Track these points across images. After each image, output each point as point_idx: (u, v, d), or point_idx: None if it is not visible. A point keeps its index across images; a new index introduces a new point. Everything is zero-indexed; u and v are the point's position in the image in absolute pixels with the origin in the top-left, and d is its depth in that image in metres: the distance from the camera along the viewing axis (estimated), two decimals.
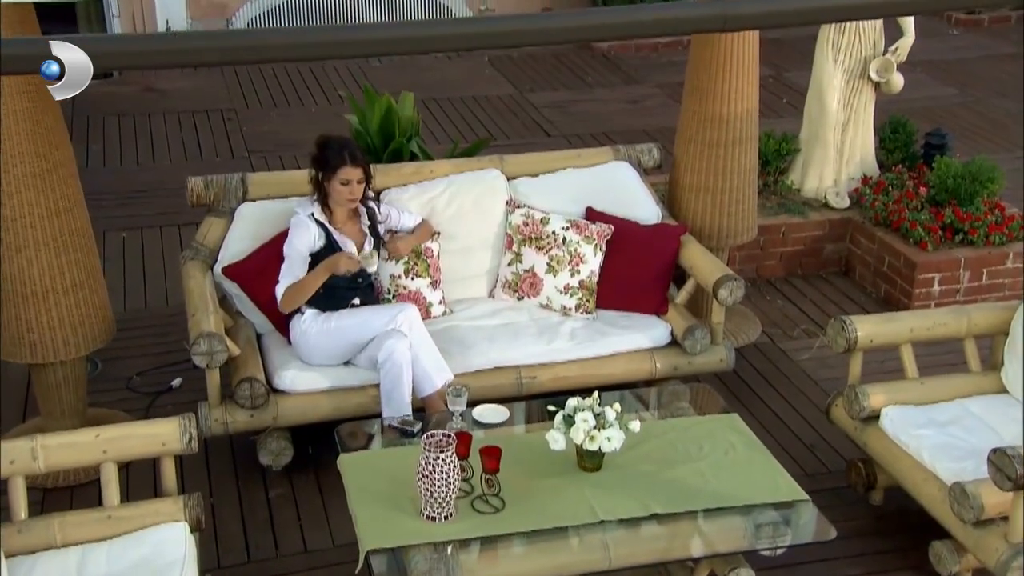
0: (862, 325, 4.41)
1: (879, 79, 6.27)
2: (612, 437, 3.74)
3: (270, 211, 4.79)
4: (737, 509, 3.75)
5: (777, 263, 6.29)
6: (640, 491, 3.76)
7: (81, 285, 4.34)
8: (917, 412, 4.32)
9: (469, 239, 5.02)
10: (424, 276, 4.84)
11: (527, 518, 3.64)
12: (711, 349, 4.86)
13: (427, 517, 3.59)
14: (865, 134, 6.48)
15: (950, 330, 4.54)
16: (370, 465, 3.93)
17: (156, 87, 9.02)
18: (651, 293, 4.98)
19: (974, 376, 4.56)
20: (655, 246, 5.02)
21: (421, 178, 5.05)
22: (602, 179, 5.21)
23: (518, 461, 3.84)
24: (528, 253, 4.97)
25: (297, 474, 4.60)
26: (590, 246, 4.93)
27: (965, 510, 3.78)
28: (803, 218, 6.25)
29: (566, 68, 9.68)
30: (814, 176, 6.49)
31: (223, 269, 4.69)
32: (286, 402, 4.47)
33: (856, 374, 4.47)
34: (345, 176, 4.45)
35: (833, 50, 6.27)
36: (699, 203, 5.31)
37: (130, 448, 3.71)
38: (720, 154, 5.22)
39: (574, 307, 4.94)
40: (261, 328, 4.79)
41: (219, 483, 4.58)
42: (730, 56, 5.07)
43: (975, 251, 5.91)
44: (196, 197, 4.88)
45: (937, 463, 4.05)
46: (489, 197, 5.05)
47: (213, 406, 4.42)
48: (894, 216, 6.02)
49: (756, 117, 5.25)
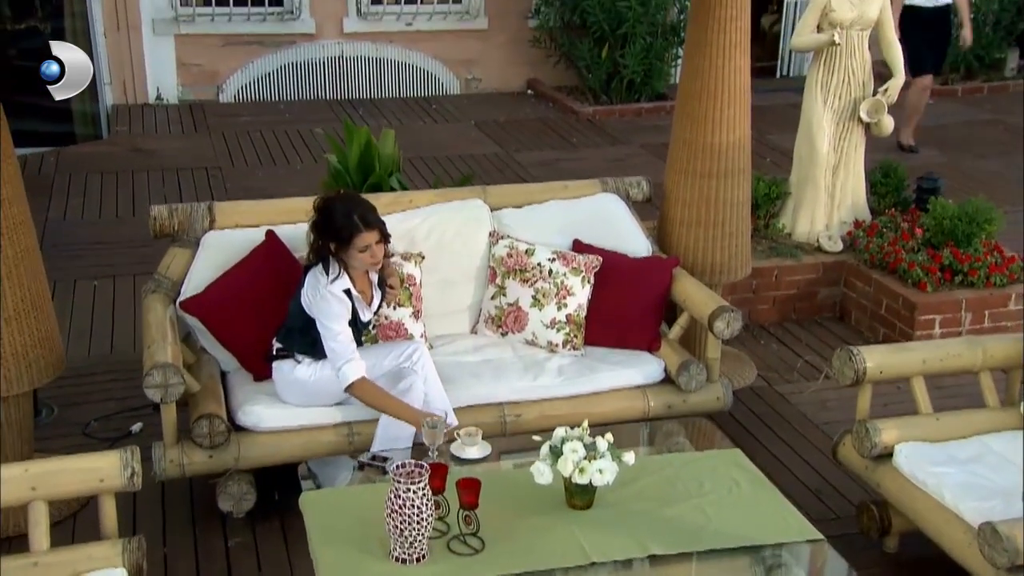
0: (871, 355, 3.88)
1: (869, 120, 5.85)
2: (604, 469, 3.19)
3: (238, 240, 4.27)
4: (744, 550, 3.18)
5: (770, 307, 5.78)
6: (636, 530, 3.19)
7: (26, 313, 3.79)
8: (934, 449, 3.77)
9: (450, 271, 4.50)
10: (407, 306, 4.30)
11: (509, 560, 3.06)
12: (707, 387, 4.32)
13: (396, 559, 3.01)
14: (856, 177, 6.04)
15: (964, 362, 4.02)
16: (335, 504, 3.35)
17: (143, 147, 8.57)
18: (642, 328, 4.45)
19: (992, 412, 4.03)
20: (646, 279, 4.51)
21: (400, 208, 4.55)
22: (590, 211, 4.71)
23: (500, 498, 3.27)
24: (512, 286, 4.45)
25: (260, 521, 4.01)
26: (578, 278, 4.41)
27: (998, 553, 3.20)
28: (796, 261, 5.77)
29: (551, 131, 9.30)
30: (805, 219, 6.02)
31: (181, 304, 4.15)
32: (249, 441, 3.90)
33: (865, 409, 3.94)
34: (362, 243, 3.81)
35: (822, 91, 5.86)
36: (691, 237, 4.81)
37: (63, 485, 3.14)
38: (712, 185, 4.74)
39: (561, 343, 4.41)
40: (226, 366, 4.22)
41: (174, 530, 3.99)
42: (721, 83, 4.63)
43: (976, 293, 5.42)
44: (159, 226, 4.36)
45: (960, 503, 3.50)
46: (471, 228, 4.55)
47: (168, 446, 3.84)
48: (890, 258, 5.54)
49: (749, 147, 4.80)
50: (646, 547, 3.11)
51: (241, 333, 4.12)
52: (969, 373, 4.06)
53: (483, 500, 3.09)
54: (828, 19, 5.70)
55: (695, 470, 3.54)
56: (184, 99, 9.77)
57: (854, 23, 5.70)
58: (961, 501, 3.49)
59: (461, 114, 9.71)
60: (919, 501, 3.63)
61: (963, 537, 3.41)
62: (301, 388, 3.94)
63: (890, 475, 3.76)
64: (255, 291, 4.16)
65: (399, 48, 10.05)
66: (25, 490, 3.05)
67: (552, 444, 3.27)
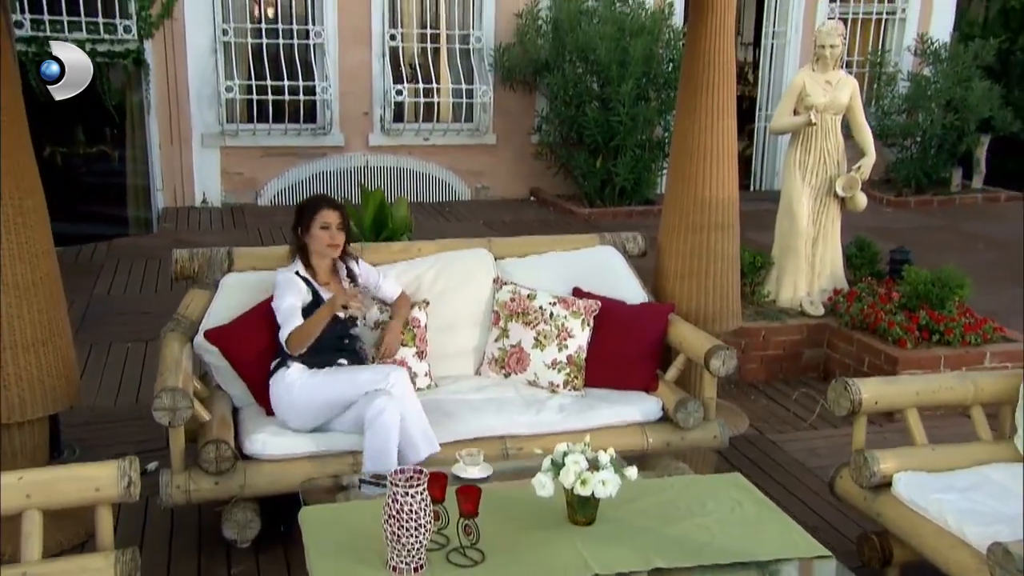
0: (866, 387, 3.43)
1: (845, 194, 5.51)
2: (607, 481, 2.72)
3: (255, 281, 3.89)
4: (752, 565, 2.68)
5: (759, 367, 5.33)
6: (639, 545, 2.71)
7: (43, 341, 3.38)
8: (932, 479, 3.29)
9: (456, 316, 4.09)
10: (410, 345, 3.89)
11: (510, 571, 2.57)
12: (704, 425, 3.86)
13: (393, 569, 2.52)
14: (834, 249, 5.67)
15: (956, 395, 3.56)
16: (334, 519, 2.87)
17: (186, 239, 8.27)
18: (640, 370, 4.01)
19: (986, 444, 3.55)
20: (643, 323, 4.09)
21: (409, 256, 4.18)
22: (589, 261, 4.33)
23: (501, 515, 2.80)
24: (515, 328, 4.03)
25: (264, 551, 3.51)
26: (577, 321, 4.00)
27: (1010, 574, 2.70)
28: (781, 323, 5.35)
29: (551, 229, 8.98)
30: (788, 287, 5.63)
31: (205, 333, 3.74)
32: (255, 469, 3.43)
33: (860, 440, 3.47)
34: (324, 220, 3.64)
35: (800, 169, 5.54)
36: (683, 288, 4.41)
37: (59, 494, 2.68)
38: (703, 238, 4.38)
39: (562, 383, 3.96)
40: (239, 401, 3.78)
41: (179, 558, 3.49)
42: (711, 143, 4.31)
43: (953, 350, 4.98)
44: (181, 269, 3.99)
45: (965, 527, 3.00)
46: (476, 274, 4.16)
47: (176, 472, 3.37)
48: (870, 319, 5.12)
49: (736, 204, 4.45)
50: (650, 561, 2.62)
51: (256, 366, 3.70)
52: (961, 406, 3.61)
53: (484, 517, 2.63)
54: (803, 103, 5.44)
55: (697, 491, 3.06)
56: (227, 203, 9.54)
57: (827, 107, 5.43)
58: (965, 526, 3.00)
59: (471, 216, 9.43)
60: (922, 528, 3.13)
61: (970, 562, 2.91)
62: (289, 398, 3.51)
63: (890, 504, 3.27)
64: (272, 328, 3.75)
65: (417, 160, 9.87)
66: (20, 498, 2.61)
67: (554, 458, 2.81)
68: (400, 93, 9.47)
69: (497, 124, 9.92)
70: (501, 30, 9.59)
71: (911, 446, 3.47)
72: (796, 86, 5.46)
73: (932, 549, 3.07)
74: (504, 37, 9.57)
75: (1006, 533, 2.88)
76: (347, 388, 3.47)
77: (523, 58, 9.42)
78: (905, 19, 11.14)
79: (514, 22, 9.53)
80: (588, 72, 9.13)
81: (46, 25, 8.71)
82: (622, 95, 8.76)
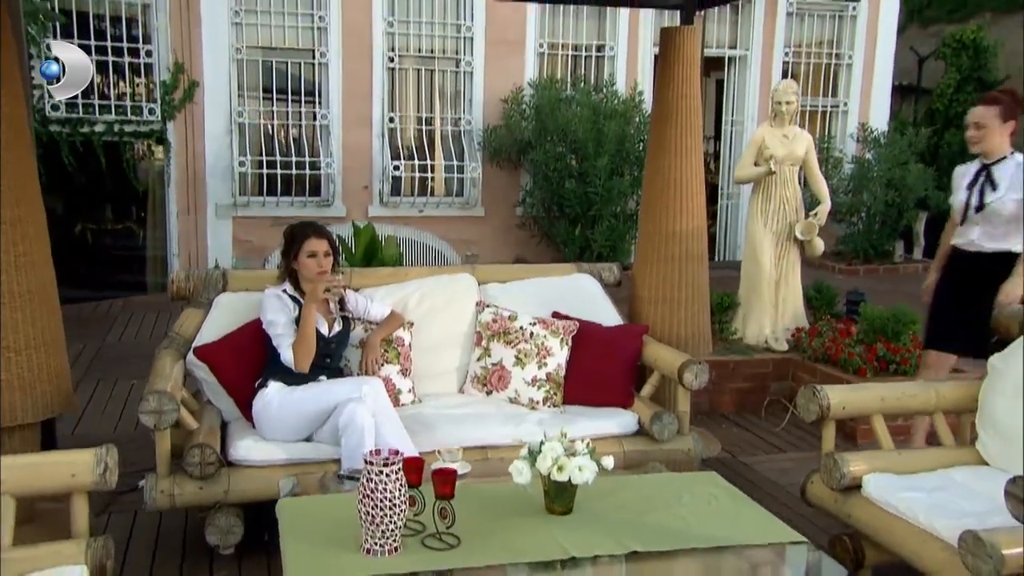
0: (833, 393, 3.19)
1: (803, 238, 5.36)
2: (584, 466, 2.46)
3: (247, 302, 3.66)
4: (729, 549, 2.40)
5: (729, 398, 5.07)
6: (616, 532, 2.43)
7: (37, 347, 3.12)
8: (900, 479, 3.03)
9: (440, 337, 3.86)
10: (394, 363, 3.64)
11: (486, 554, 2.28)
12: (679, 438, 3.60)
13: (367, 551, 2.23)
14: (795, 291, 5.48)
15: (919, 401, 3.33)
16: (312, 509, 2.59)
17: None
18: (617, 388, 3.76)
19: (949, 449, 3.30)
20: (619, 343, 3.86)
21: (397, 280, 3.96)
22: (567, 287, 4.12)
23: (479, 505, 2.54)
24: (496, 347, 3.80)
25: (247, 559, 3.19)
26: (556, 339, 3.77)
27: (982, 561, 2.43)
28: (749, 357, 5.11)
29: None
30: (754, 325, 5.41)
31: (195, 350, 3.49)
32: (239, 475, 3.15)
33: (830, 444, 3.21)
34: (311, 248, 3.42)
35: (762, 216, 5.40)
36: (657, 313, 4.19)
37: (33, 479, 2.40)
38: (675, 267, 4.18)
39: (542, 400, 3.71)
40: (228, 416, 3.51)
41: (162, 563, 3.16)
42: (680, 178, 4.16)
43: (910, 379, 4.71)
44: (177, 289, 3.77)
45: (935, 522, 2.74)
46: (460, 297, 3.94)
47: (161, 476, 3.08)
48: (831, 351, 4.91)
49: (705, 236, 4.26)
50: (626, 545, 2.35)
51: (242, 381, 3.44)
52: (924, 413, 3.36)
53: (461, 508, 2.36)
54: (763, 155, 5.33)
55: (674, 487, 2.80)
56: (237, 267, 9.31)
57: (785, 159, 5.32)
58: (935, 521, 2.74)
59: None
60: (893, 525, 2.86)
61: (942, 555, 2.64)
62: (268, 415, 3.25)
63: (861, 505, 3.00)
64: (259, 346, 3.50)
65: (413, 229, 9.71)
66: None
67: (531, 447, 2.55)
68: (398, 169, 9.39)
69: (485, 197, 9.82)
70: (489, 114, 9.58)
71: (879, 451, 3.22)
72: (757, 139, 5.37)
73: (904, 545, 2.79)
74: (492, 120, 9.55)
75: (975, 524, 2.60)
76: (322, 400, 3.22)
77: (509, 139, 9.39)
78: (847, 111, 11.25)
79: (501, 107, 9.53)
80: (567, 150, 9.10)
81: (80, 108, 8.66)
82: (598, 169, 8.70)
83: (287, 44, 9.09)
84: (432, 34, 9.42)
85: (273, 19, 8.96)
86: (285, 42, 9.07)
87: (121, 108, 8.78)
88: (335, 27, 9.08)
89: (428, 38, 9.43)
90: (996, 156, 3.85)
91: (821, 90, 10.80)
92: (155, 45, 8.77)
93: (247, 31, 8.92)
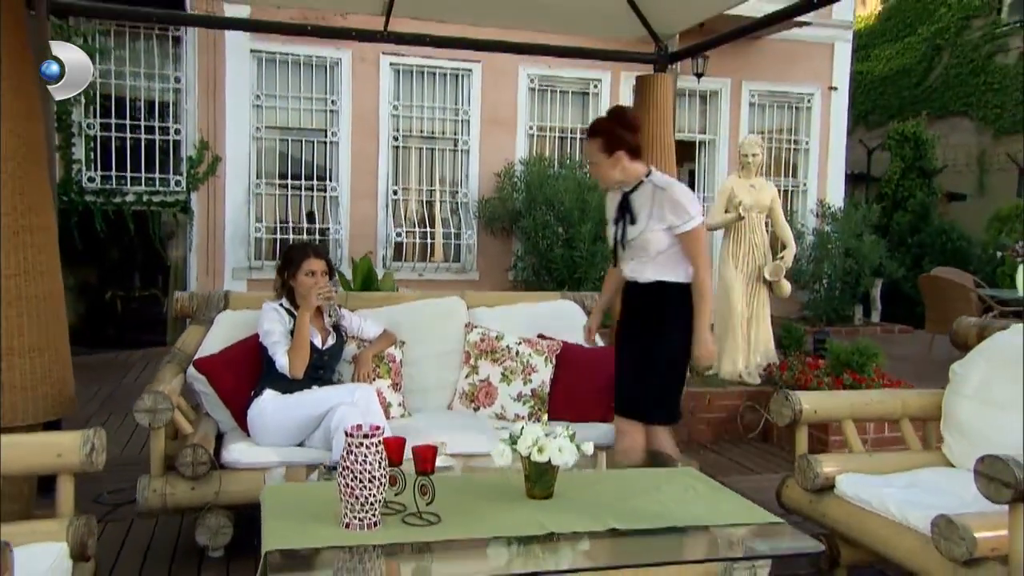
0: (805, 399, 3.02)
1: (772, 279, 5.24)
2: (564, 448, 2.27)
3: (247, 319, 3.49)
4: (708, 529, 2.19)
5: (706, 428, 4.86)
6: (596, 513, 2.22)
7: (40, 350, 2.94)
8: (872, 478, 2.84)
9: (430, 355, 3.68)
10: (385, 378, 3.46)
11: (465, 531, 2.07)
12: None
13: (346, 526, 2.03)
14: (766, 328, 5.34)
15: (886, 407, 3.16)
16: (295, 494, 2.38)
17: None
18: (598, 404, 3.56)
19: (916, 452, 3.12)
20: (601, 363, 3.66)
21: (391, 303, 3.82)
22: (552, 312, 3.96)
23: (460, 490, 2.33)
24: (484, 365, 3.62)
25: (236, 563, 2.94)
26: (541, 358, 3.61)
27: (955, 544, 2.23)
28: (724, 389, 4.92)
29: None
30: (728, 362, 5.24)
31: (194, 362, 3.31)
32: (231, 477, 2.93)
33: (803, 447, 3.02)
34: (309, 267, 3.25)
35: (733, 259, 5.30)
36: None
37: (20, 458, 2.20)
38: None
39: (527, 415, 3.52)
40: (224, 427, 3.30)
41: (152, 564, 2.90)
42: None
43: None
44: (180, 307, 3.61)
45: (907, 514, 2.55)
46: (450, 318, 3.79)
47: (154, 476, 2.87)
48: (801, 381, 4.73)
49: None
50: (606, 524, 2.14)
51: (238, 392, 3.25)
52: (891, 419, 3.18)
53: (443, 492, 2.17)
54: (732, 203, 5.27)
55: (653, 479, 2.60)
56: None
57: (752, 206, 5.26)
58: (907, 512, 2.55)
59: None
60: (867, 520, 2.65)
61: (916, 544, 2.44)
62: (262, 421, 3.05)
63: (834, 503, 2.79)
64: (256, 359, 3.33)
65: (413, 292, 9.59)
66: None
67: (512, 432, 2.37)
68: (399, 235, 9.35)
69: (480, 262, 9.76)
70: (484, 186, 9.61)
71: (850, 453, 3.03)
72: (726, 188, 5.32)
73: (878, 539, 2.58)
74: (486, 192, 9.57)
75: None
76: (315, 406, 3.02)
77: (501, 208, 9.40)
78: (807, 190, 11.33)
79: (494, 180, 9.58)
80: (555, 219, 9.08)
81: (113, 180, 8.66)
82: (583, 234, 8.66)
83: (302, 125, 9.17)
84: (433, 117, 9.53)
85: (290, 103, 9.06)
86: (300, 123, 9.16)
87: (150, 180, 8.79)
88: (346, 110, 9.18)
89: (429, 120, 9.53)
90: (632, 183, 3.11)
91: (783, 171, 10.90)
92: (183, 124, 8.84)
93: (267, 113, 9.01)
